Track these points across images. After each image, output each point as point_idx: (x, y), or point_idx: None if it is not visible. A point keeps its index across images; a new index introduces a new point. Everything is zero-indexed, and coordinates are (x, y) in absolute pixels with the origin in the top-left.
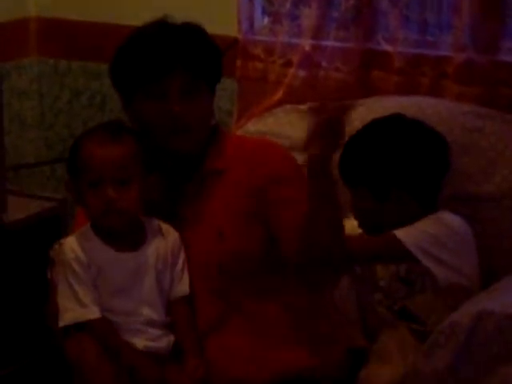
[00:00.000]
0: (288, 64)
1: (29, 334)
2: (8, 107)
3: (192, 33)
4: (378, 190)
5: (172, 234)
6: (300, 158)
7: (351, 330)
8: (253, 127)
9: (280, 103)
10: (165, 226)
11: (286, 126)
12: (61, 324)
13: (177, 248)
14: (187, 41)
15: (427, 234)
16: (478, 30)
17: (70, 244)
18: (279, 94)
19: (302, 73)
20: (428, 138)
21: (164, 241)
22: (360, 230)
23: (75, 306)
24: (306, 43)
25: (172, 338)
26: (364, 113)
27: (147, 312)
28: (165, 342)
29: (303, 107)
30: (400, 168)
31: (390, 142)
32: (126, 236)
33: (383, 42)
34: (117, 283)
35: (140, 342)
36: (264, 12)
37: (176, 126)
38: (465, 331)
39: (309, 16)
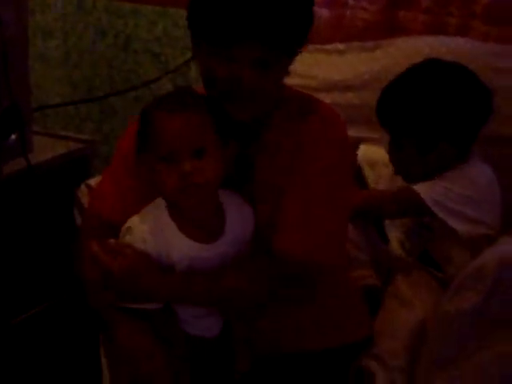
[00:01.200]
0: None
1: (55, 276)
2: (32, 46)
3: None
4: (424, 142)
5: (249, 214)
6: (326, 98)
7: (363, 270)
8: None
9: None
10: (244, 206)
11: (312, 66)
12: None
13: (251, 229)
14: (268, 7)
15: (447, 189)
16: None
17: (141, 233)
18: None
19: (326, 12)
20: (472, 84)
21: (243, 223)
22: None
23: None
24: None
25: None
26: (392, 52)
27: None
28: (217, 329)
29: (329, 47)
30: (448, 119)
31: (436, 90)
32: (205, 221)
33: None
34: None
35: (193, 331)
36: None
37: (242, 95)
38: (492, 274)
39: None
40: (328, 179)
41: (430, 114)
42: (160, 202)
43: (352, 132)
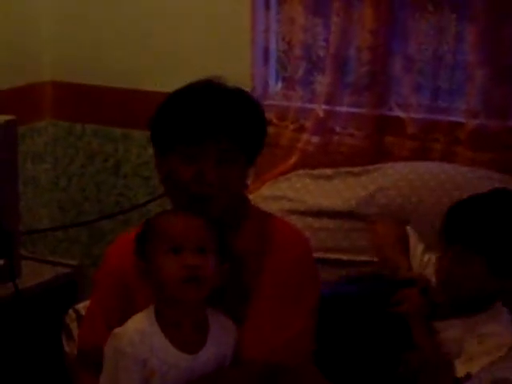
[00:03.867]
0: (300, 129)
1: None
2: (22, 170)
3: (239, 99)
4: (497, 263)
5: (232, 331)
6: (315, 224)
7: None
8: (267, 191)
9: (293, 168)
10: (228, 322)
11: (300, 190)
12: None
13: (234, 347)
14: (234, 107)
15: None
16: (490, 96)
17: (130, 335)
18: (293, 159)
19: (315, 138)
20: None
21: (226, 341)
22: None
23: None
24: (320, 109)
25: None
26: (378, 178)
27: None
28: None
29: (317, 172)
30: None
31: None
32: (190, 330)
33: (396, 107)
34: None
35: None
36: (278, 77)
37: (205, 191)
38: None
39: (322, 82)
40: (294, 285)
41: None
42: (147, 312)
43: (339, 255)
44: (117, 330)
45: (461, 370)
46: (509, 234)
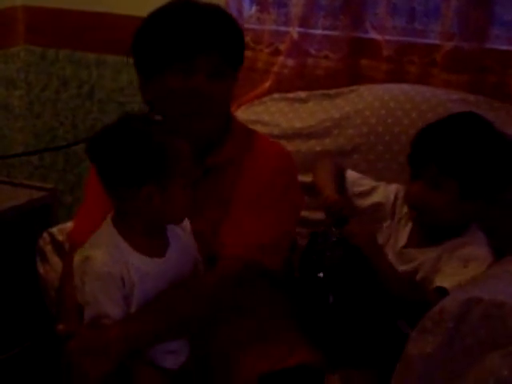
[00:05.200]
0: (276, 52)
1: (16, 323)
2: None
3: (222, 15)
4: (469, 188)
5: (188, 232)
6: (289, 146)
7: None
8: (242, 115)
9: (269, 92)
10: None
11: (275, 114)
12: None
13: (192, 240)
14: (219, 22)
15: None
16: (466, 17)
17: (101, 258)
18: (268, 83)
19: (290, 61)
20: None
21: (187, 242)
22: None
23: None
24: (294, 31)
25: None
26: (354, 100)
27: None
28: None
29: (292, 95)
30: (494, 169)
31: (484, 140)
32: (151, 235)
33: (372, 30)
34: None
35: (170, 363)
36: (252, 1)
37: (200, 105)
38: (453, 318)
39: (297, 4)
40: (273, 193)
41: (478, 156)
42: (106, 227)
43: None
44: (85, 253)
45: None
46: (481, 157)
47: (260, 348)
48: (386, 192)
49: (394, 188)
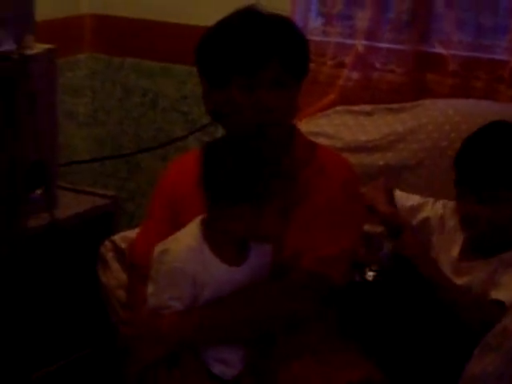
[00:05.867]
0: (340, 65)
1: (77, 330)
2: (61, 104)
3: (285, 25)
4: None
5: (269, 251)
6: (352, 159)
7: None
8: (305, 127)
9: (333, 104)
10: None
11: (339, 127)
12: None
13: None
14: (283, 33)
15: None
16: None
17: (179, 252)
18: (332, 95)
19: (355, 74)
20: None
21: (264, 259)
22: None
23: None
24: (360, 44)
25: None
26: (419, 114)
27: None
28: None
29: (356, 108)
30: None
31: None
32: (234, 242)
33: (438, 44)
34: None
35: (218, 370)
36: (318, 14)
37: (263, 118)
38: None
39: (363, 17)
40: (340, 204)
41: None
42: (194, 226)
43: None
44: (166, 246)
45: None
46: None
47: (322, 363)
48: (434, 207)
49: (441, 203)
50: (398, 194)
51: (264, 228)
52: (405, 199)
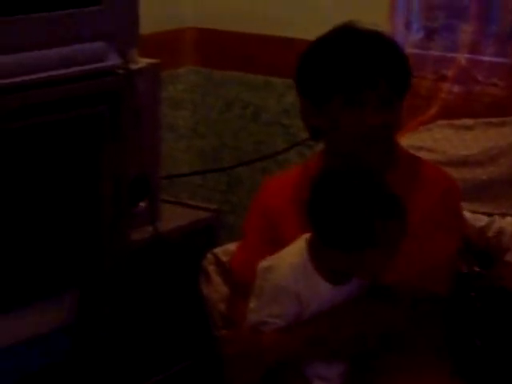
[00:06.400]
0: (441, 79)
1: (178, 341)
2: (162, 117)
3: (388, 43)
4: None
5: None
6: (455, 173)
7: None
8: (406, 141)
9: (434, 118)
10: None
11: (440, 141)
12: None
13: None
14: (387, 52)
15: None
16: None
17: (284, 270)
18: (434, 109)
19: (457, 88)
20: None
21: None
22: None
23: None
24: (463, 58)
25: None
26: None
27: None
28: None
29: (458, 122)
30: None
31: None
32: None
33: None
34: None
35: None
36: (419, 27)
37: (370, 136)
38: None
39: (466, 31)
40: (443, 216)
41: None
42: (299, 245)
43: (479, 208)
44: (270, 263)
45: None
46: None
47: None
48: (503, 223)
49: (510, 218)
50: (466, 215)
51: (370, 265)
52: (473, 220)
